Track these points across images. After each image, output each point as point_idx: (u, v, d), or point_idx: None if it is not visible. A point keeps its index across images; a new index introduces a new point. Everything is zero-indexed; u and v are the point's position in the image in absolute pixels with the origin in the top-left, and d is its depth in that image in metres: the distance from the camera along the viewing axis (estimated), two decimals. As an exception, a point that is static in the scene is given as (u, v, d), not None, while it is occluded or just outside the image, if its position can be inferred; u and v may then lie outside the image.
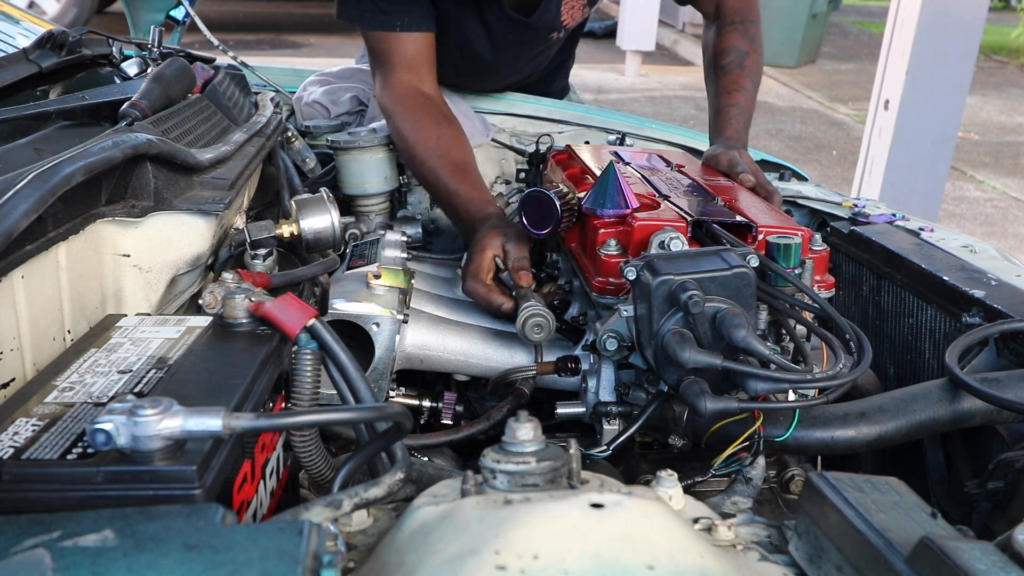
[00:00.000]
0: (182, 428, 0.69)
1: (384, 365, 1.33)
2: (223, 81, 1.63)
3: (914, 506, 0.75)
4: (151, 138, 1.10)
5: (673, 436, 1.19)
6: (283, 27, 9.54)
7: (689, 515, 0.85)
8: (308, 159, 1.93)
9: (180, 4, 2.88)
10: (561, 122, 2.19)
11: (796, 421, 1.07)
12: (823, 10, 9.66)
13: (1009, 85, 9.60)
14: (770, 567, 0.78)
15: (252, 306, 0.95)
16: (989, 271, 1.38)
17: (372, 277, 1.35)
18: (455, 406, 1.44)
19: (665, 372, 1.08)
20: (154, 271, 1.12)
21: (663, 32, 10.67)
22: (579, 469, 0.78)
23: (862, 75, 9.11)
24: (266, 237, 1.31)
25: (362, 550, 0.81)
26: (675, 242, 1.24)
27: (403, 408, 0.85)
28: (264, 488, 0.90)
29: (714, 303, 1.06)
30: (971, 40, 4.14)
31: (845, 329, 1.10)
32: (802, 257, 1.24)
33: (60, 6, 7.54)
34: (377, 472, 0.92)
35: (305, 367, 0.94)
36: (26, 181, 0.86)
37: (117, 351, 0.90)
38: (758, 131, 7.26)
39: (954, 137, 4.34)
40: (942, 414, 1.09)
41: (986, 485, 1.10)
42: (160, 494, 0.68)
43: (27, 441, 0.72)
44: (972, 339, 1.16)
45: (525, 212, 1.43)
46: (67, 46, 1.59)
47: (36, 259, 0.91)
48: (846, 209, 1.75)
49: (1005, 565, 0.63)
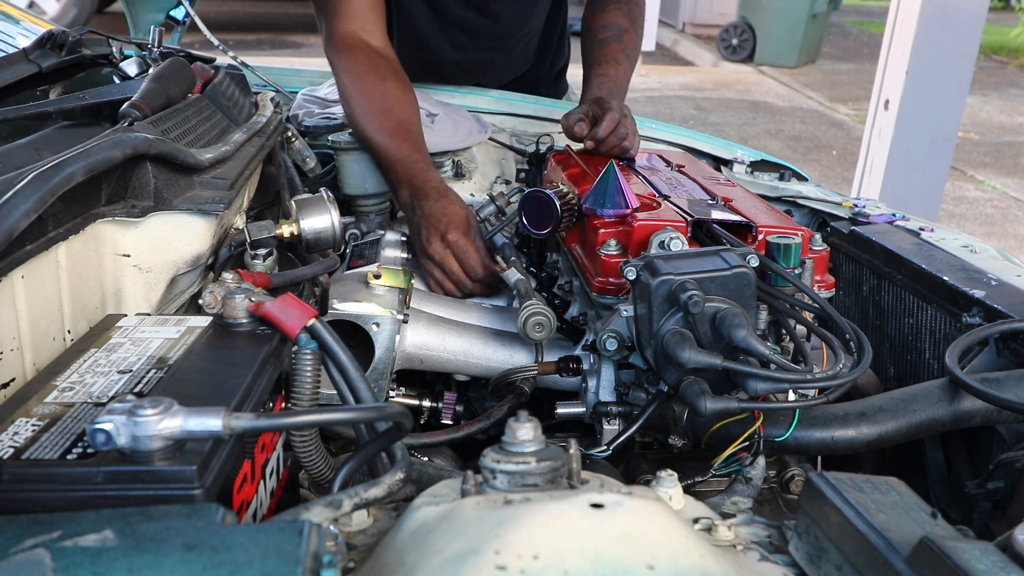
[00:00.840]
0: (182, 428, 0.69)
1: (384, 365, 1.33)
2: (223, 81, 1.63)
3: (914, 506, 0.75)
4: (151, 138, 1.10)
5: (673, 436, 1.20)
6: (283, 27, 9.53)
7: (689, 515, 0.85)
8: (308, 159, 1.92)
9: (180, 4, 2.88)
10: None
11: (796, 421, 1.08)
12: (823, 10, 9.66)
13: (1009, 85, 9.61)
14: (770, 567, 0.78)
15: (252, 306, 0.95)
16: (989, 271, 1.38)
17: (372, 277, 1.35)
18: (455, 406, 1.44)
19: (665, 372, 1.08)
20: (154, 271, 1.12)
21: (663, 32, 10.68)
22: (579, 469, 0.78)
23: (862, 75, 9.11)
24: (266, 237, 1.31)
25: (362, 550, 0.81)
26: (675, 242, 1.24)
27: (403, 408, 0.85)
28: (264, 488, 0.90)
29: (714, 303, 1.06)
30: (971, 40, 4.15)
31: (845, 329, 1.10)
32: (802, 257, 1.24)
33: (60, 6, 7.54)
34: (377, 472, 0.93)
35: (305, 367, 0.94)
36: (26, 181, 0.86)
37: (117, 351, 0.90)
38: (758, 131, 7.27)
39: (954, 137, 4.34)
40: (942, 414, 1.09)
41: (986, 485, 1.10)
42: (160, 494, 0.68)
43: (27, 441, 0.72)
44: (972, 339, 1.16)
45: (525, 212, 1.43)
46: (67, 46, 1.59)
47: (36, 259, 0.91)
48: (846, 209, 1.75)
49: (1005, 565, 0.63)
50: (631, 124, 1.61)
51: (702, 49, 10.55)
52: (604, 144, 1.58)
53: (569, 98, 2.44)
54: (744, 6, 9.93)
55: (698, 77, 9.54)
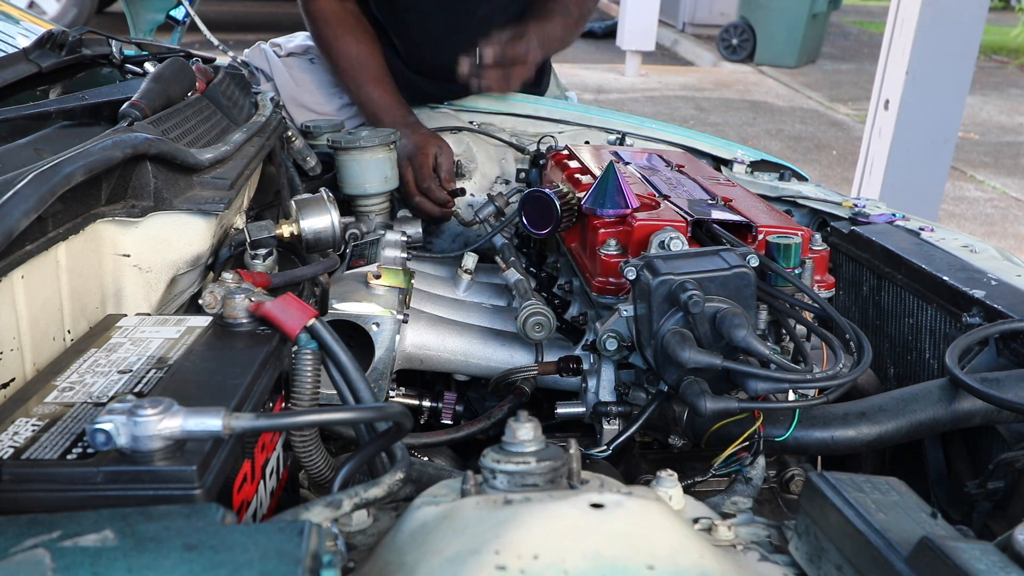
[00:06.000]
0: (182, 428, 0.69)
1: (384, 365, 1.33)
2: (223, 81, 1.63)
3: (914, 506, 0.75)
4: (151, 138, 1.10)
5: (673, 436, 1.20)
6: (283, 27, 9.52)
7: (689, 515, 0.85)
8: (308, 158, 1.92)
9: (180, 4, 2.88)
10: (561, 122, 2.19)
11: (796, 421, 1.08)
12: (823, 10, 9.66)
13: (1009, 85, 9.61)
14: (770, 567, 0.78)
15: (252, 306, 0.95)
16: (989, 271, 1.38)
17: (372, 277, 1.35)
18: (455, 406, 1.44)
19: (665, 372, 1.08)
20: (154, 271, 1.12)
21: (663, 32, 10.67)
22: (579, 469, 0.78)
23: (862, 75, 9.11)
24: (266, 237, 1.31)
25: (362, 550, 0.81)
26: (675, 242, 1.24)
27: (403, 408, 0.85)
28: (264, 488, 0.90)
29: (714, 303, 1.06)
30: (971, 40, 4.14)
31: (845, 329, 1.10)
32: (802, 257, 1.24)
33: (60, 6, 7.54)
34: (377, 472, 0.92)
35: (305, 367, 0.94)
36: (26, 181, 0.86)
37: (117, 351, 0.90)
38: (758, 131, 7.27)
39: (954, 137, 4.34)
40: (942, 414, 1.09)
41: (986, 485, 1.10)
42: (160, 494, 0.68)
43: (27, 441, 0.72)
44: (972, 339, 1.16)
45: (525, 212, 1.43)
46: (67, 46, 1.59)
47: (36, 259, 0.91)
48: (846, 209, 1.75)
49: (1005, 565, 0.63)
50: (524, 54, 1.82)
51: (702, 49, 10.55)
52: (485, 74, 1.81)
53: (568, 98, 2.44)
54: (744, 6, 9.93)
55: (698, 77, 9.54)
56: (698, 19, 11.51)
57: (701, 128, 6.49)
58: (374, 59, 2.00)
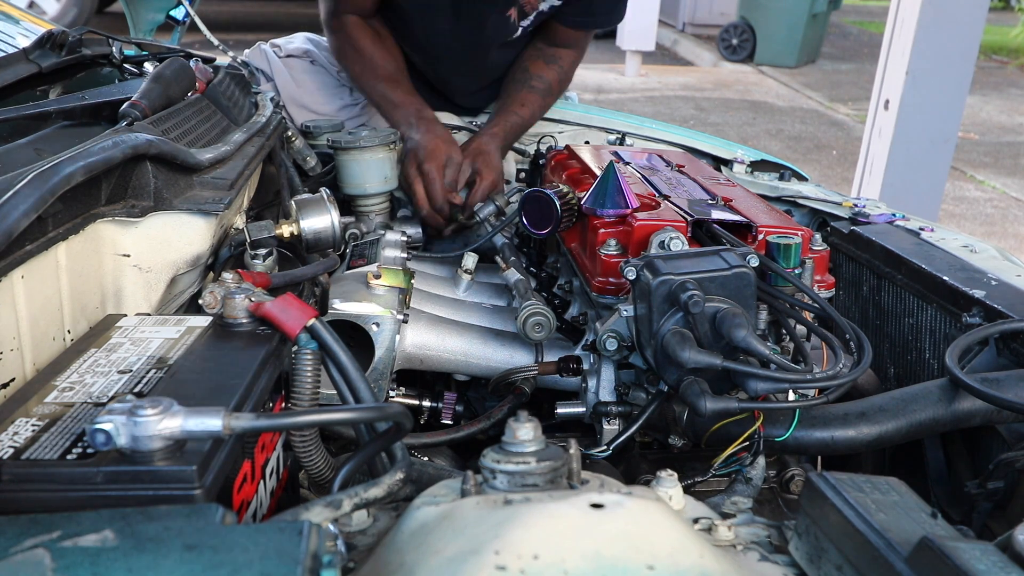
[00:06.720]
0: (182, 428, 0.69)
1: (384, 365, 1.33)
2: (223, 81, 1.63)
3: (914, 506, 0.75)
4: (151, 138, 1.10)
5: (673, 436, 1.20)
6: (283, 27, 9.52)
7: (689, 515, 0.85)
8: (308, 158, 1.93)
9: (180, 4, 2.88)
10: (561, 122, 2.19)
11: (796, 421, 1.08)
12: (823, 10, 9.66)
13: (1009, 85, 9.61)
14: (770, 567, 0.78)
15: (252, 306, 0.95)
16: (989, 271, 1.38)
17: (372, 277, 1.35)
18: (455, 406, 1.44)
19: (665, 372, 1.08)
20: (154, 271, 1.12)
21: (663, 32, 10.67)
22: (579, 469, 0.78)
23: (862, 75, 9.11)
24: (266, 237, 1.31)
25: (362, 550, 0.81)
26: (675, 242, 1.24)
27: (403, 408, 0.85)
28: (264, 488, 0.90)
29: (714, 303, 1.06)
30: (971, 40, 4.14)
31: (845, 329, 1.10)
32: (802, 257, 1.24)
33: (60, 6, 7.53)
34: (377, 472, 0.92)
35: (305, 367, 0.94)
36: (26, 181, 0.86)
37: (117, 351, 0.90)
38: (758, 131, 7.27)
39: (954, 137, 4.34)
40: (942, 414, 1.09)
41: (986, 485, 1.10)
42: (160, 494, 0.68)
43: (27, 441, 0.72)
44: (972, 339, 1.16)
45: (525, 212, 1.43)
46: (67, 46, 1.59)
47: (36, 259, 0.91)
48: (846, 209, 1.75)
49: (1005, 565, 0.63)
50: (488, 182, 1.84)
51: (702, 49, 10.55)
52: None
53: (565, 95, 2.44)
54: (744, 6, 9.93)
55: (698, 77, 9.54)
56: (698, 19, 11.51)
57: (701, 128, 6.49)
58: (393, 61, 2.01)
